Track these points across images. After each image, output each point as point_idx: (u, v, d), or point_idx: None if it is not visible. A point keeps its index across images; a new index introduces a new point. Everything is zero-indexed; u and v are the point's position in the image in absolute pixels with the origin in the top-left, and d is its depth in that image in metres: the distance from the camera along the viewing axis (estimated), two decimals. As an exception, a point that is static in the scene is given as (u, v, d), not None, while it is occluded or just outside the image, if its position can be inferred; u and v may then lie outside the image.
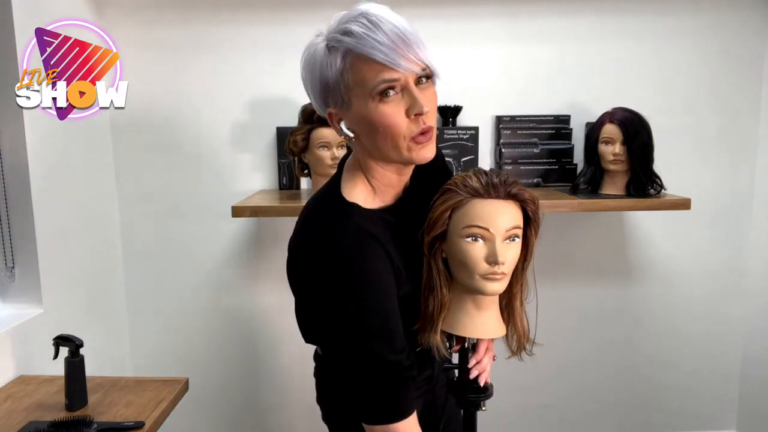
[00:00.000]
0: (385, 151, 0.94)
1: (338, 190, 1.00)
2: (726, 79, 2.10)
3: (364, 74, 0.89)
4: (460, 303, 1.03)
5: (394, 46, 0.87)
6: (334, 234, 0.94)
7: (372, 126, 0.91)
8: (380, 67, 0.87)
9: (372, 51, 0.87)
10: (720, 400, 2.32)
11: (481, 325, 1.03)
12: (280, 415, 2.22)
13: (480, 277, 0.97)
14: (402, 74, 0.88)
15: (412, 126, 0.91)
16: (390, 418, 0.96)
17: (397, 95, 0.90)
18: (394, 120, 0.90)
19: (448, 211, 0.98)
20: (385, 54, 0.86)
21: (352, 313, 0.93)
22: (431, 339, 1.02)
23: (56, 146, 1.68)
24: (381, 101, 0.89)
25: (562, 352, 2.22)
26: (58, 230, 1.70)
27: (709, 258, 2.21)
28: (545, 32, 2.05)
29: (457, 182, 0.99)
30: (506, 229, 0.96)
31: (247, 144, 2.05)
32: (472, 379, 1.09)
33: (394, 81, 0.88)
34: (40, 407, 1.33)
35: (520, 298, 1.05)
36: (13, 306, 1.61)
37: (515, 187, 0.97)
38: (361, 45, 0.87)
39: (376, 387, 0.95)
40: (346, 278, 0.93)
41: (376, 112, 0.90)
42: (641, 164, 1.87)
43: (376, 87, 0.88)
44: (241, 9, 1.98)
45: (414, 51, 0.88)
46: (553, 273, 2.15)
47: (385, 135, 0.91)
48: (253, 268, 2.12)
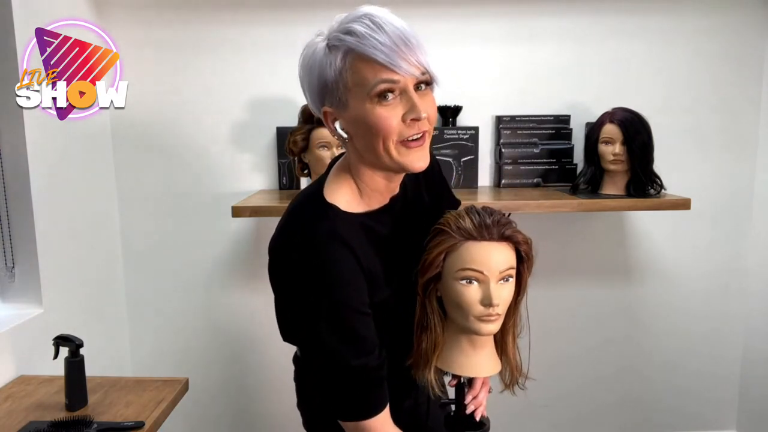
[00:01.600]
0: (377, 154, 0.92)
1: (320, 191, 1.00)
2: (726, 79, 2.10)
3: (363, 74, 0.88)
4: (455, 341, 1.03)
5: (396, 48, 0.86)
6: (305, 235, 0.94)
7: (366, 127, 0.91)
8: (381, 68, 0.87)
9: (373, 51, 0.86)
10: (720, 400, 2.32)
11: (477, 363, 1.03)
12: (279, 415, 2.21)
13: (475, 318, 0.97)
14: (402, 77, 0.88)
15: (405, 130, 0.90)
16: (358, 415, 0.97)
17: (396, 99, 0.89)
18: (389, 123, 0.89)
19: (443, 254, 0.98)
20: (387, 55, 0.86)
21: (318, 314, 0.93)
22: (425, 377, 1.02)
23: (56, 146, 1.68)
24: (379, 103, 0.89)
25: (561, 352, 2.22)
26: (58, 230, 1.70)
27: (709, 258, 2.21)
28: (545, 32, 2.05)
29: (450, 223, 0.98)
30: (500, 271, 0.96)
31: (247, 144, 2.05)
32: (468, 414, 1.08)
33: (393, 83, 0.88)
34: (40, 407, 1.33)
35: (513, 333, 1.06)
36: (13, 306, 1.61)
37: (508, 228, 0.97)
38: (362, 45, 0.87)
39: (343, 387, 0.97)
40: (313, 279, 0.93)
41: (372, 113, 0.89)
42: (641, 164, 1.87)
43: (375, 88, 0.88)
44: (241, 9, 1.98)
45: (415, 55, 0.88)
46: (553, 273, 2.15)
47: (377, 137, 0.90)
48: (253, 268, 2.12)
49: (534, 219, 1.98)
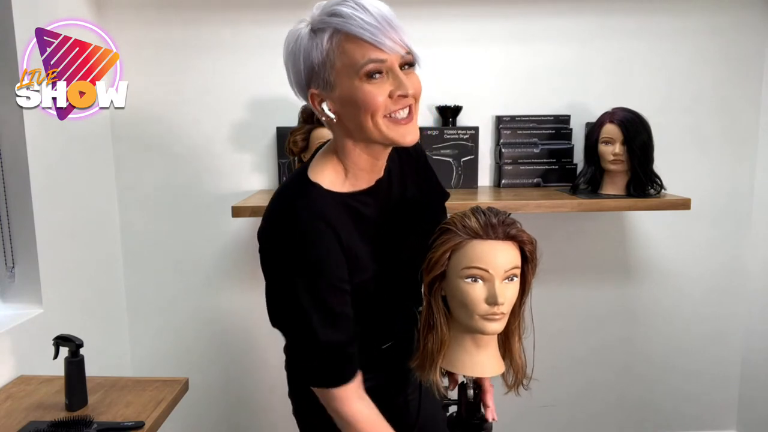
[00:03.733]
0: (367, 130, 0.95)
1: (305, 172, 1.03)
2: (726, 79, 2.10)
3: (351, 54, 0.91)
4: (459, 341, 1.03)
5: (381, 27, 0.90)
6: (287, 211, 0.99)
7: (355, 105, 0.93)
8: (368, 46, 0.90)
9: (360, 31, 0.90)
10: (720, 400, 2.32)
11: (480, 363, 1.03)
12: (279, 415, 2.21)
13: (480, 317, 0.98)
14: (388, 56, 0.91)
15: (392, 105, 0.94)
16: (326, 383, 1.02)
17: (383, 77, 0.92)
18: (377, 99, 0.92)
19: (448, 252, 0.99)
20: (373, 34, 0.89)
21: (294, 286, 0.97)
22: (430, 377, 1.03)
23: (56, 146, 1.68)
24: (367, 81, 0.92)
25: (561, 353, 2.22)
26: (58, 230, 1.70)
27: (709, 258, 2.21)
28: (545, 32, 2.05)
29: (456, 222, 0.99)
30: (505, 270, 0.97)
31: (247, 144, 2.05)
32: (481, 417, 1.08)
33: (381, 62, 0.91)
34: (40, 407, 1.33)
35: (518, 334, 1.06)
36: (13, 306, 1.61)
37: (513, 228, 0.98)
38: (349, 24, 0.90)
39: (313, 357, 1.01)
40: (293, 253, 0.97)
41: (360, 90, 0.92)
42: (641, 164, 1.87)
43: (363, 67, 0.91)
44: (241, 9, 1.98)
45: (398, 34, 0.92)
46: (553, 273, 2.15)
47: (366, 113, 0.93)
48: (253, 267, 2.10)
49: (534, 219, 1.97)
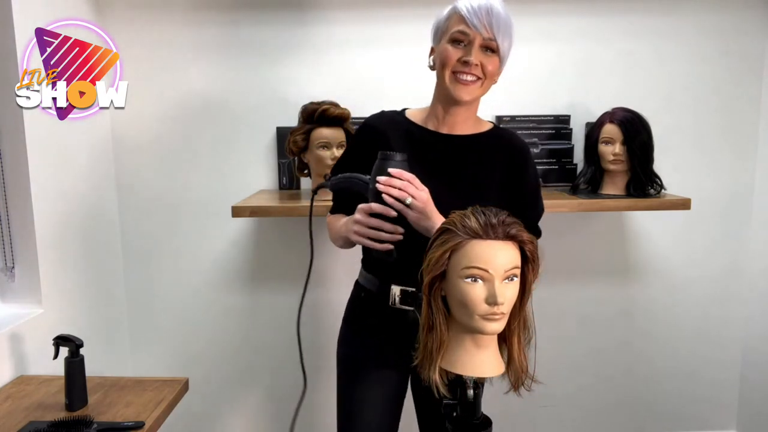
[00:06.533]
0: (439, 77, 1.28)
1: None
2: (726, 79, 2.10)
3: (450, 23, 1.24)
4: (458, 341, 1.03)
5: (478, 11, 1.20)
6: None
7: (440, 57, 1.26)
8: (461, 20, 1.22)
9: (462, 9, 1.22)
10: (720, 401, 2.32)
11: (480, 363, 1.03)
12: (279, 415, 2.22)
13: (479, 317, 0.98)
14: (471, 31, 1.21)
15: (458, 66, 1.23)
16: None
17: (463, 46, 1.23)
18: (449, 55, 1.23)
19: (448, 252, 0.99)
20: (469, 13, 1.21)
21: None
22: (430, 377, 1.03)
23: (56, 146, 1.68)
24: (450, 44, 1.24)
25: (561, 353, 2.22)
26: (58, 230, 1.70)
27: (709, 258, 2.21)
28: (545, 32, 2.05)
29: (456, 222, 0.99)
30: (505, 269, 0.97)
31: (247, 144, 2.05)
32: (482, 417, 1.08)
33: (464, 35, 1.22)
34: (40, 407, 1.33)
35: (519, 334, 1.06)
36: (13, 306, 1.61)
37: (513, 227, 0.98)
38: (461, 5, 1.23)
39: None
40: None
41: (443, 47, 1.25)
42: (641, 164, 1.87)
43: (451, 31, 1.23)
44: (241, 9, 1.98)
45: (491, 23, 1.20)
46: (553, 273, 2.15)
47: (441, 65, 1.26)
48: (253, 268, 2.12)
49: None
